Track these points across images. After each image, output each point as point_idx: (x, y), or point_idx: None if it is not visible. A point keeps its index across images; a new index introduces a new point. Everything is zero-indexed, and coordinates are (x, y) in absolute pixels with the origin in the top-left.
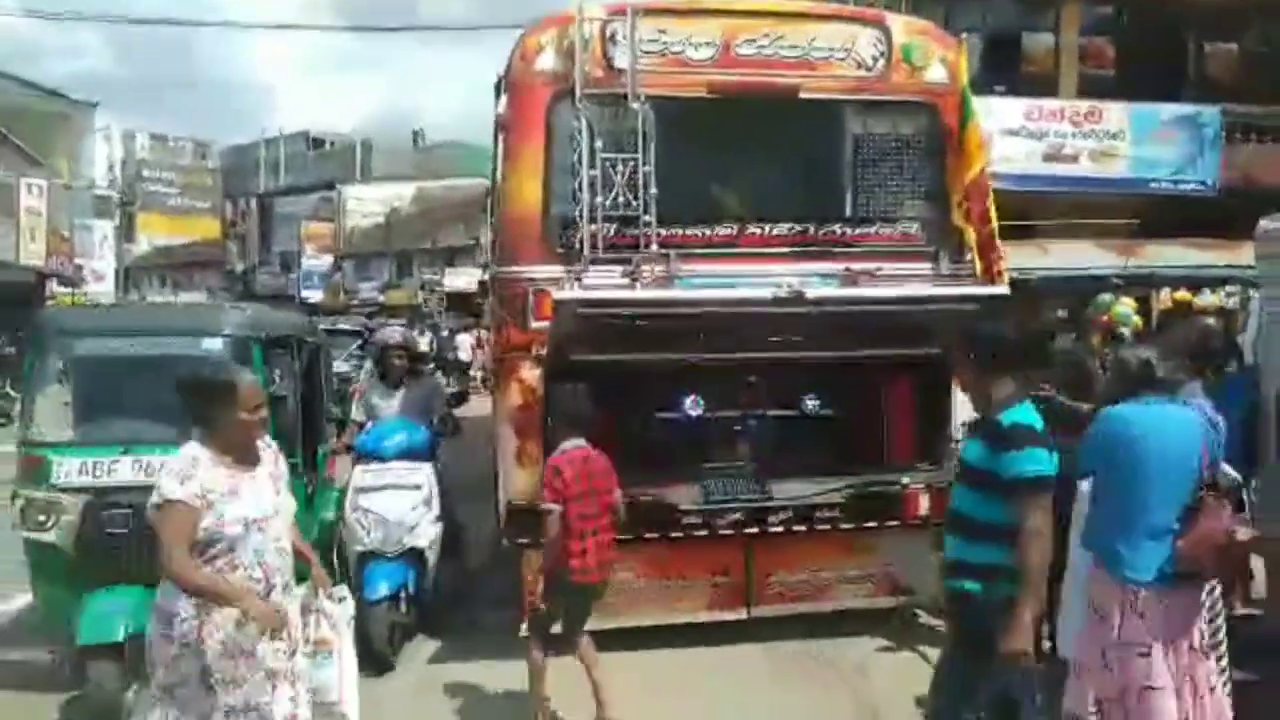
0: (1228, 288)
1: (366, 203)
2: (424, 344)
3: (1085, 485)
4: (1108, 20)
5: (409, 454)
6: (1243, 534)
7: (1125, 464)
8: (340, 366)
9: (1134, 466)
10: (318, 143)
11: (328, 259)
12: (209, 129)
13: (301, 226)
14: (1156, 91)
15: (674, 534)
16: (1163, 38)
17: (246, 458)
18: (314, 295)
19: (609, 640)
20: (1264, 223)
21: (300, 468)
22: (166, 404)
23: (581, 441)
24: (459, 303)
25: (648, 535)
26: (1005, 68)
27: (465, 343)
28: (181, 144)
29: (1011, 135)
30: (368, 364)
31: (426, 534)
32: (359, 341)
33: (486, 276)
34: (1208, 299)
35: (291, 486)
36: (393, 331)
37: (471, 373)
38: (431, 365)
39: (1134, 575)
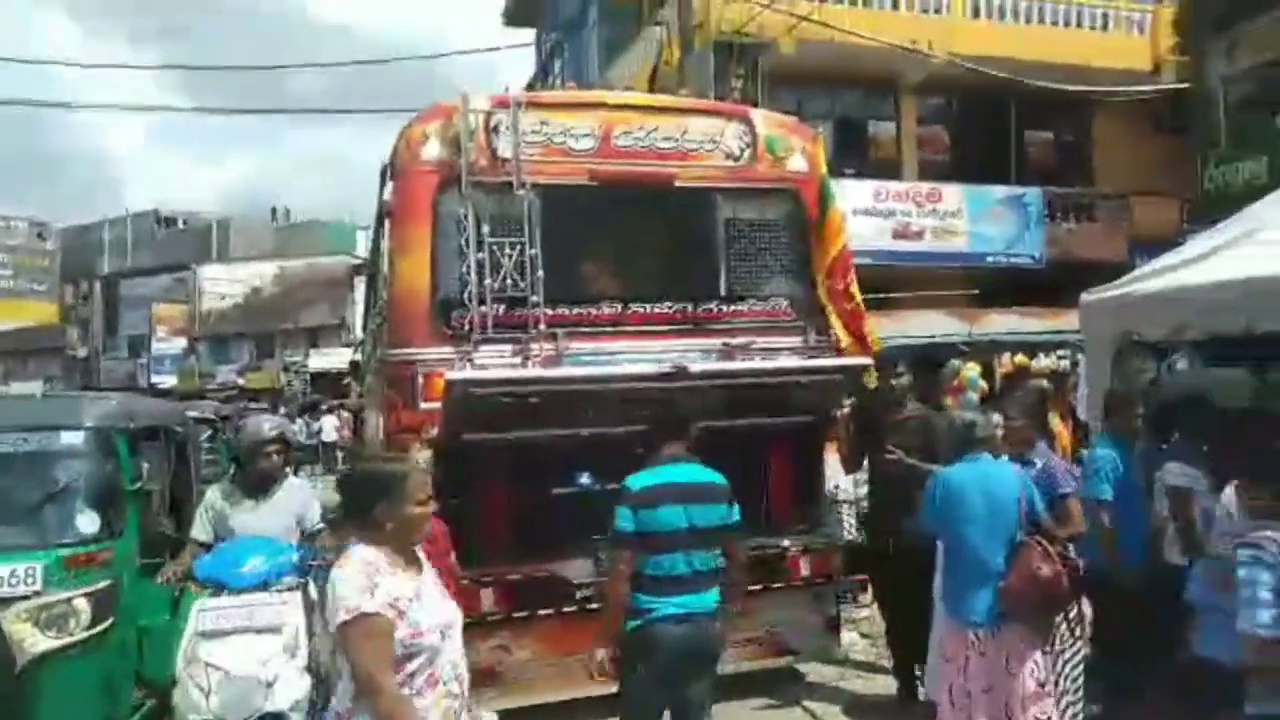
0: (1059, 352)
1: (223, 283)
2: (298, 430)
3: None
4: (942, 109)
5: (269, 583)
6: (1047, 570)
7: (956, 516)
8: None
9: (962, 517)
10: (169, 221)
11: (181, 342)
12: (50, 209)
13: (152, 309)
14: (987, 174)
15: (567, 609)
16: (990, 126)
17: (414, 558)
18: (166, 380)
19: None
20: (1085, 296)
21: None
22: (16, 505)
23: None
24: (324, 385)
25: (542, 612)
26: (854, 152)
27: (330, 424)
28: (15, 224)
29: (864, 214)
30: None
31: (289, 692)
32: (209, 432)
33: (358, 357)
34: (1042, 363)
35: (161, 590)
36: (262, 421)
37: (338, 453)
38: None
39: (972, 618)
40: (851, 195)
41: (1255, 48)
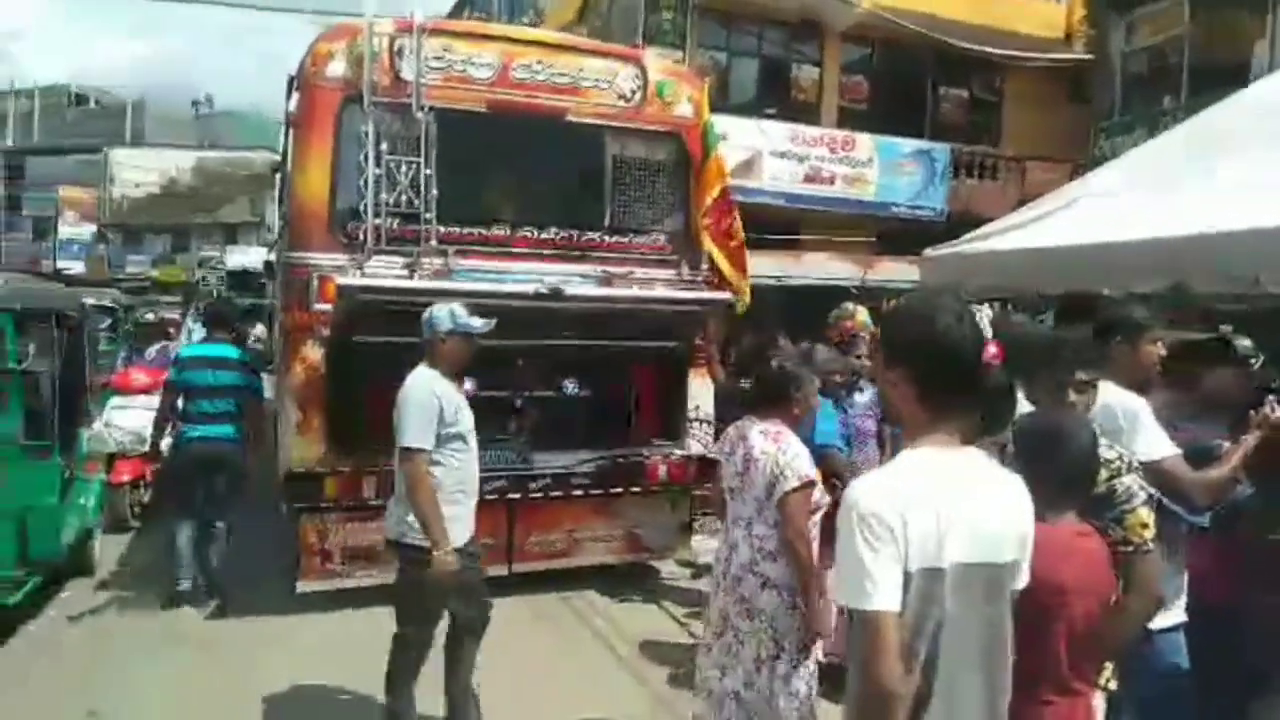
0: None
1: (138, 169)
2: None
3: None
4: (864, 60)
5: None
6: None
7: None
8: None
9: None
10: (81, 99)
11: (90, 228)
12: None
13: (59, 191)
14: (901, 126)
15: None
16: (908, 79)
17: None
18: (73, 266)
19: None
20: (926, 251)
21: (57, 452)
22: None
23: None
24: (241, 282)
25: None
26: (777, 93)
27: (262, 332)
28: None
29: (779, 156)
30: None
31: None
32: (109, 321)
33: (273, 257)
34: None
35: (47, 472)
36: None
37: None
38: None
39: None
40: (770, 135)
41: (1152, 28)
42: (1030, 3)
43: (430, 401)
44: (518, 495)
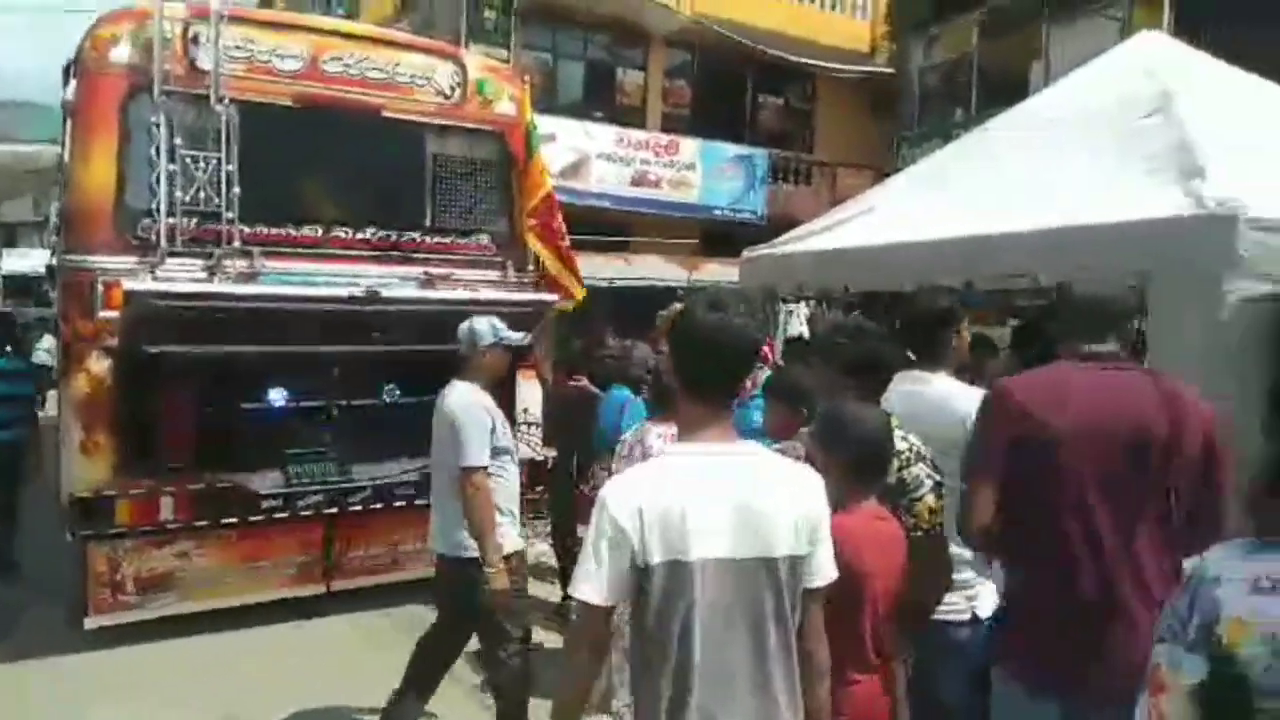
0: None
1: None
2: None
3: None
4: (686, 66)
5: None
6: None
7: None
8: None
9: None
10: None
11: None
12: None
13: None
14: (722, 132)
15: (253, 518)
16: (728, 85)
17: None
18: None
19: (189, 624)
20: (745, 253)
21: None
22: None
23: None
24: (22, 289)
25: (226, 521)
26: (603, 96)
27: (50, 344)
28: None
29: (606, 159)
30: None
31: None
32: None
33: (54, 260)
34: None
35: None
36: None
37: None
38: None
39: None
40: (596, 138)
41: (946, 47)
42: (838, 18)
43: (485, 419)
44: (335, 510)
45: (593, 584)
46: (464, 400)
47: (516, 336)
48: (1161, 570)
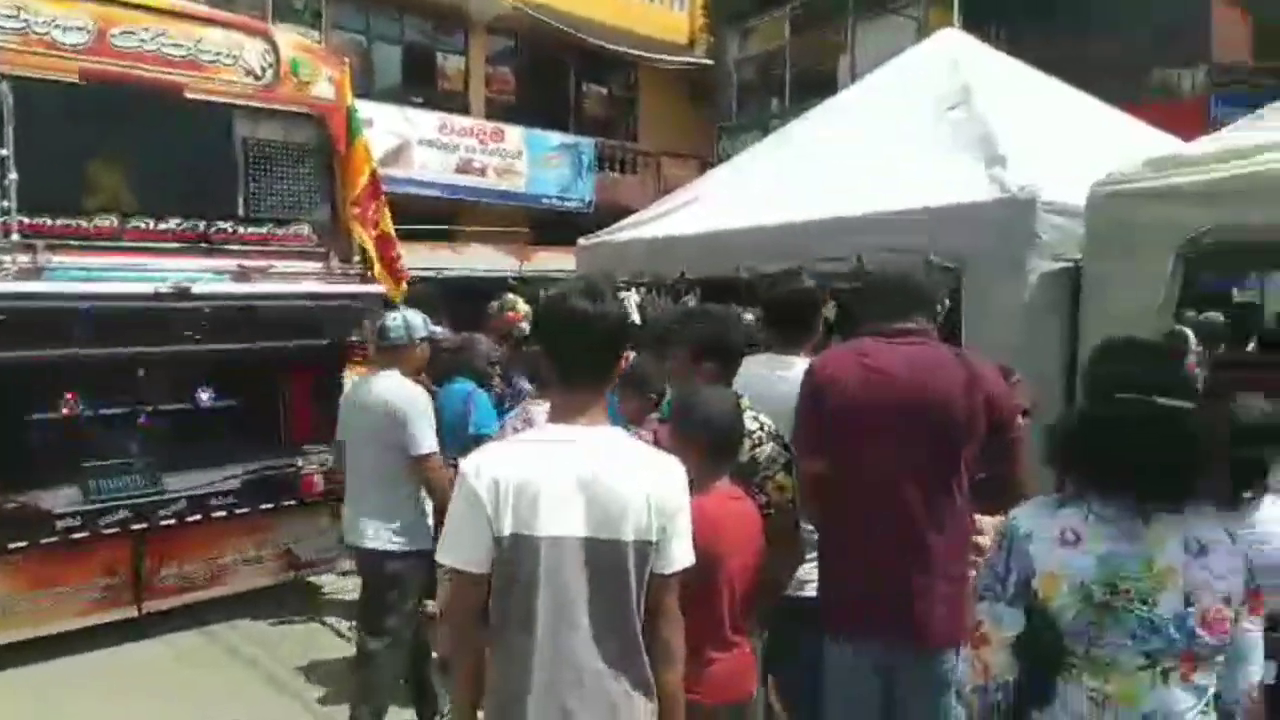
0: None
1: None
2: None
3: None
4: (509, 52)
5: None
6: None
7: None
8: None
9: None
10: None
11: None
12: None
13: None
14: (548, 120)
15: (46, 540)
16: (552, 74)
17: None
18: None
19: None
20: (580, 241)
21: None
22: None
23: None
24: None
25: (14, 546)
26: (423, 82)
27: None
28: None
29: (429, 146)
30: None
31: None
32: None
33: None
34: None
35: None
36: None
37: None
38: None
39: None
40: (417, 124)
41: (760, 39)
42: (657, 9)
43: (429, 407)
44: (144, 525)
45: (454, 552)
46: (406, 389)
47: (439, 330)
48: (958, 526)
